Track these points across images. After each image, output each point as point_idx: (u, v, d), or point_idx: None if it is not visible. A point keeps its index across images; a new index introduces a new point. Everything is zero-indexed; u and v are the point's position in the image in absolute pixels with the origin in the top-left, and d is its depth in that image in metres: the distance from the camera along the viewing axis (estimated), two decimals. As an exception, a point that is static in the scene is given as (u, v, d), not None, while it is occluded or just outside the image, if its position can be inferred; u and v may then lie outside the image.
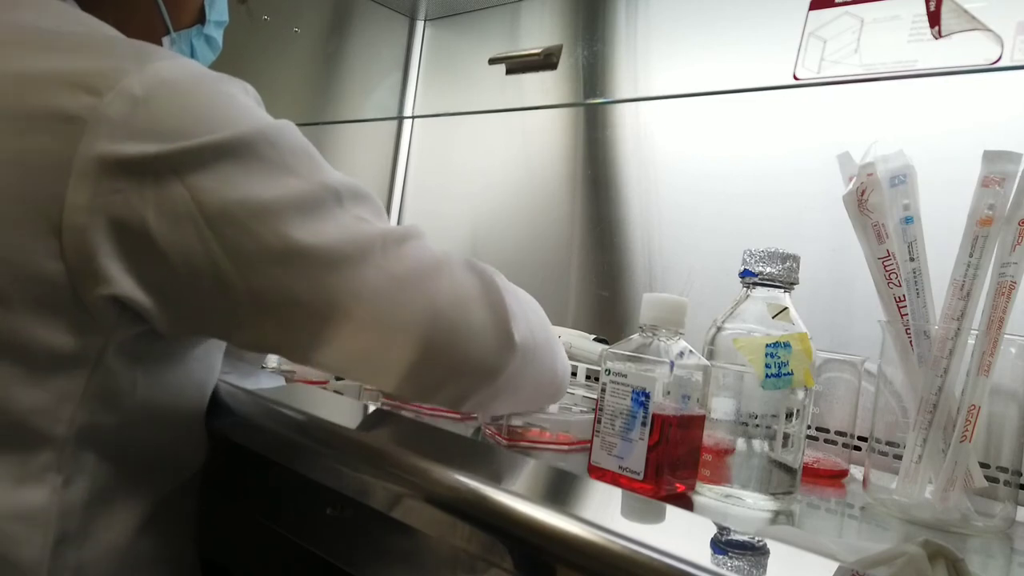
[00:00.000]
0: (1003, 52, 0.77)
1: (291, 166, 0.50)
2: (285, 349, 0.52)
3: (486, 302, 0.52)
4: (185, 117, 0.47)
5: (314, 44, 1.54)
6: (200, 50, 0.73)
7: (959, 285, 0.56)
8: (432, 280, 0.51)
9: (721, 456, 0.55)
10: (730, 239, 0.96)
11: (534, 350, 0.55)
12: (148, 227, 0.46)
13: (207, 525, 0.64)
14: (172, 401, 0.56)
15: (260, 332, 0.50)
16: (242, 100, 0.51)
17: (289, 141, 0.51)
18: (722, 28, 1.03)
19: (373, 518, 0.50)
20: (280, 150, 0.50)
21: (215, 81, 0.51)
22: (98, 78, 0.46)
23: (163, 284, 0.48)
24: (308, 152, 0.51)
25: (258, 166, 0.48)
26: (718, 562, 0.34)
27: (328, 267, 0.48)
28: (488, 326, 0.52)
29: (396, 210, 1.49)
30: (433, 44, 1.48)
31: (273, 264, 0.48)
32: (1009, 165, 0.56)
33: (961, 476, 0.54)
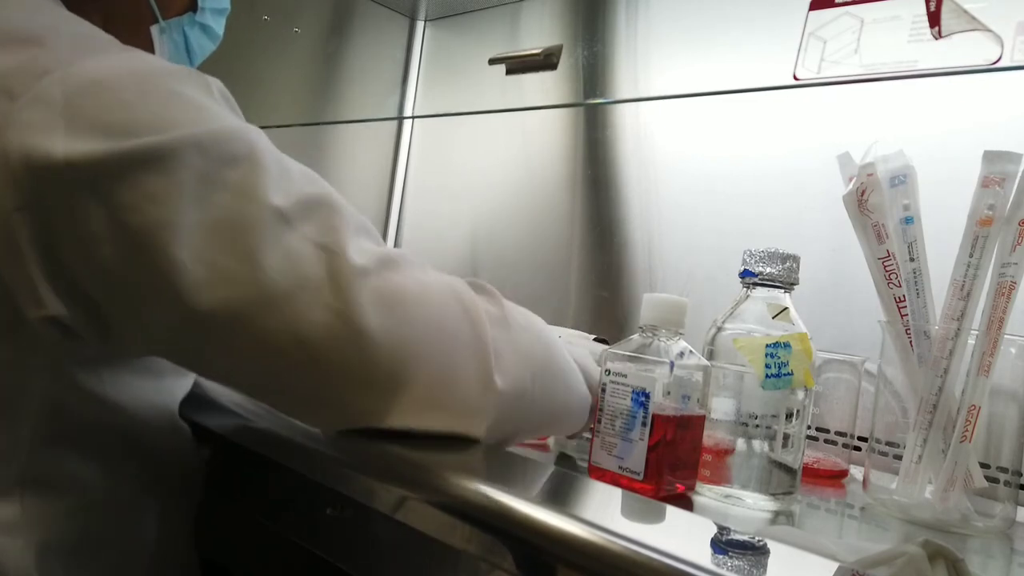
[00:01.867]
0: (1003, 52, 0.77)
1: (224, 180, 0.43)
2: (233, 384, 0.49)
3: (470, 346, 0.47)
4: (111, 120, 0.42)
5: (314, 44, 1.54)
6: (195, 39, 0.68)
7: (959, 285, 0.57)
8: (399, 324, 0.45)
9: (721, 456, 0.55)
10: (730, 239, 0.96)
11: (530, 393, 0.50)
12: (62, 245, 0.42)
13: (207, 525, 0.64)
14: (144, 397, 0.53)
15: (206, 362, 0.46)
16: (192, 100, 0.45)
17: (231, 149, 0.44)
18: (722, 28, 1.03)
19: (373, 518, 0.50)
20: (214, 160, 0.43)
21: (162, 77, 0.45)
22: (16, 79, 0.42)
23: (87, 303, 0.43)
24: (257, 162, 0.44)
25: (184, 179, 0.42)
26: (718, 562, 0.34)
27: (264, 304, 0.42)
28: (470, 373, 0.47)
29: (396, 210, 1.49)
30: (433, 44, 1.48)
31: (205, 288, 0.42)
32: (1009, 165, 0.56)
33: (961, 476, 0.54)
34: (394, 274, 0.46)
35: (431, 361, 0.46)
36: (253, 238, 0.42)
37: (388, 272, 0.46)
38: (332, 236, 0.45)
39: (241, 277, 0.42)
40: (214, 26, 0.69)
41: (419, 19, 1.49)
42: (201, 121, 0.44)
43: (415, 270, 0.48)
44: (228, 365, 0.46)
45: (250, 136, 0.46)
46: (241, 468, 0.63)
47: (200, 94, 0.46)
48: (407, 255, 0.49)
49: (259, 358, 0.44)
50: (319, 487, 0.54)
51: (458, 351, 0.47)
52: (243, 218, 0.43)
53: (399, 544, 0.48)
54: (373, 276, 0.45)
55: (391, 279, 0.46)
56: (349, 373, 0.44)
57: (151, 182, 0.41)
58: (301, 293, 0.43)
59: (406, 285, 0.46)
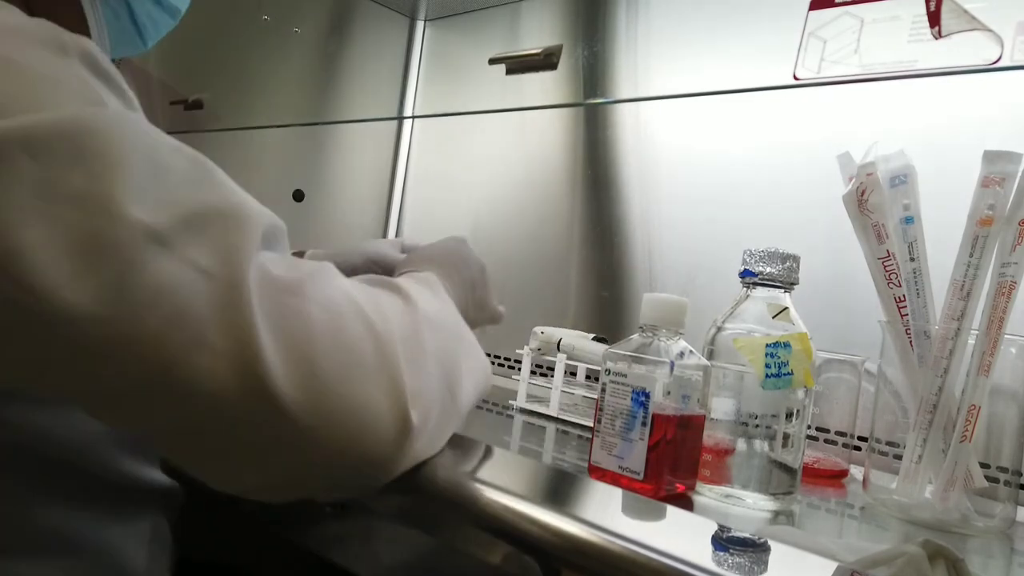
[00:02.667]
0: (1003, 52, 0.77)
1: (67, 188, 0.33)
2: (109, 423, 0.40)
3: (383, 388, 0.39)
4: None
5: (314, 44, 1.54)
6: (144, 11, 0.58)
7: (959, 285, 0.56)
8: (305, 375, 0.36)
9: (721, 456, 0.55)
10: (730, 239, 0.96)
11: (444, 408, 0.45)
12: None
13: (207, 525, 0.64)
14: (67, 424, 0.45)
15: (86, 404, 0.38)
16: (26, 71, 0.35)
17: (77, 145, 0.34)
18: (722, 28, 1.03)
19: (372, 518, 0.50)
20: (51, 160, 0.33)
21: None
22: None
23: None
24: (112, 161, 0.34)
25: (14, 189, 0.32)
26: (719, 560, 0.34)
27: (132, 348, 0.34)
28: (381, 412, 0.39)
29: (396, 210, 1.49)
30: (433, 44, 1.48)
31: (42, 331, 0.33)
32: (1009, 165, 0.56)
33: (961, 476, 0.54)
34: (298, 300, 0.37)
35: (342, 417, 0.38)
36: (110, 265, 0.33)
37: (291, 299, 0.37)
38: (222, 258, 0.35)
39: (102, 315, 0.33)
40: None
41: (419, 19, 1.49)
42: (37, 104, 0.34)
43: (320, 287, 0.39)
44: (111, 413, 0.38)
45: (107, 123, 0.35)
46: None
47: (45, 61, 0.36)
48: (309, 267, 0.40)
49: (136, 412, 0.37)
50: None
51: (372, 400, 0.39)
52: (95, 238, 0.33)
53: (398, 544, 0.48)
54: (272, 309, 0.36)
55: (294, 309, 0.37)
56: (243, 435, 0.36)
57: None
58: (177, 334, 0.34)
59: (311, 316, 0.37)
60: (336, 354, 0.38)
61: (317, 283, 0.39)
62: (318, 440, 0.37)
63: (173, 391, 0.35)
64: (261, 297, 0.36)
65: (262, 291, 0.36)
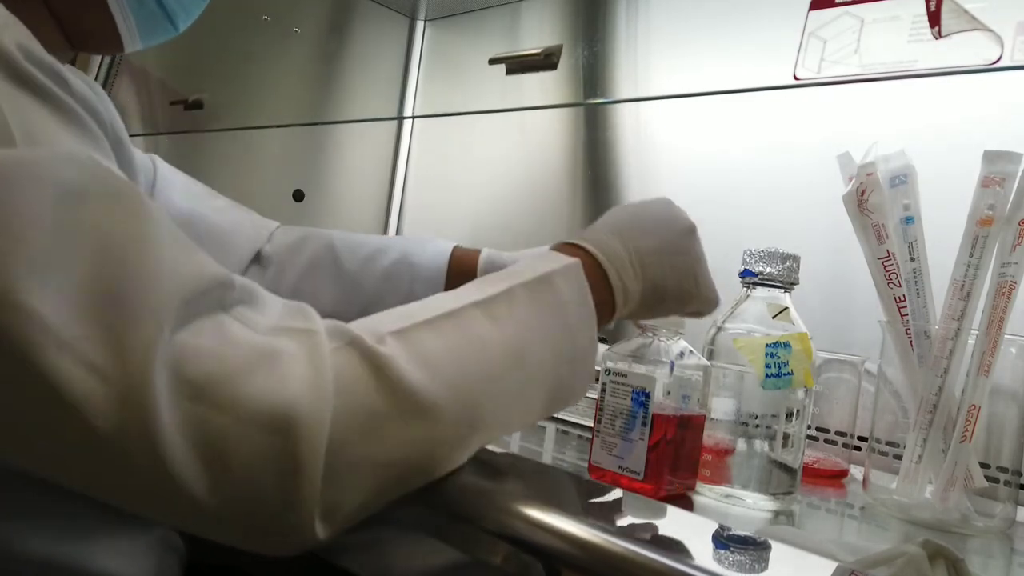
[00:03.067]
0: (1003, 52, 0.77)
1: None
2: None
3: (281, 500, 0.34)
4: None
5: (314, 44, 1.54)
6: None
7: (959, 285, 0.57)
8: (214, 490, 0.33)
9: (721, 456, 0.55)
10: (730, 239, 0.96)
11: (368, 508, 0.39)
12: None
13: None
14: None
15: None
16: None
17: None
18: (722, 28, 1.03)
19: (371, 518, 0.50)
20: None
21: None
22: None
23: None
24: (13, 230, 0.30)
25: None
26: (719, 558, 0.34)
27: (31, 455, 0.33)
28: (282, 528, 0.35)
29: (396, 210, 1.49)
30: (433, 44, 1.48)
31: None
32: (1009, 165, 0.56)
33: (961, 476, 0.54)
34: (203, 408, 0.33)
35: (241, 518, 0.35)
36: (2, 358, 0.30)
37: (196, 406, 0.32)
38: (122, 356, 0.31)
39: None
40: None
41: (419, 19, 1.49)
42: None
43: (238, 386, 0.33)
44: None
45: (7, 174, 0.31)
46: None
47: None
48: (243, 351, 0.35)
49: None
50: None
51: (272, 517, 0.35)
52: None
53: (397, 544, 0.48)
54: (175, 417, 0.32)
55: (198, 418, 0.32)
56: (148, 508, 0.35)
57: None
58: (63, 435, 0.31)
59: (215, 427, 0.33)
60: (240, 469, 0.33)
61: (237, 379, 0.33)
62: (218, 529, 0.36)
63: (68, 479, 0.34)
64: (164, 404, 0.32)
65: (166, 397, 0.32)
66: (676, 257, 0.52)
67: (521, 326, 0.45)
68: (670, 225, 0.54)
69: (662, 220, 0.54)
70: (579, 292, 0.48)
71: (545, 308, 0.46)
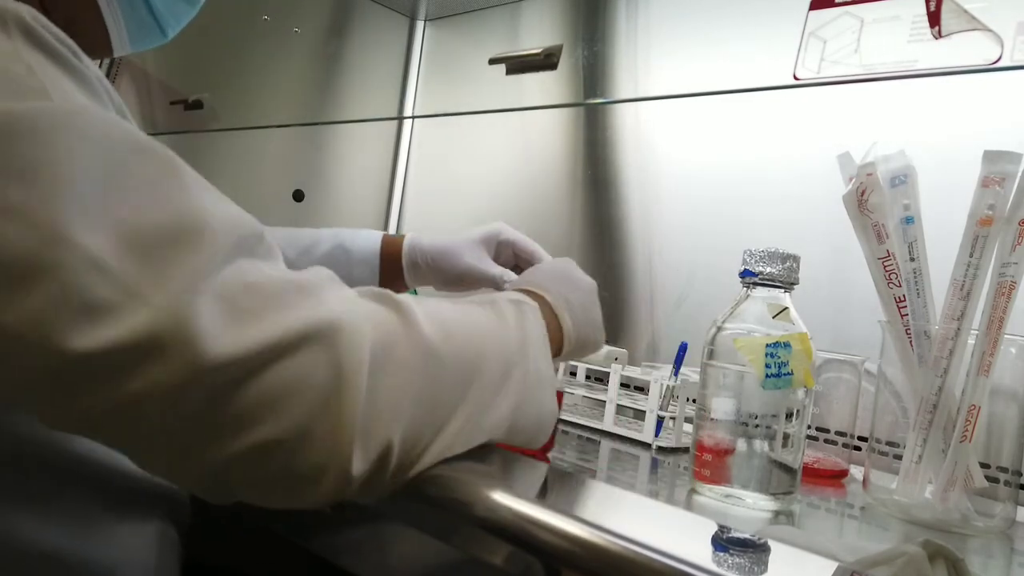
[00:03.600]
0: (1003, 52, 0.77)
1: (4, 197, 0.31)
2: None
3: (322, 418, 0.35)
4: None
5: (314, 44, 1.54)
6: (162, 2, 0.56)
7: (959, 285, 0.57)
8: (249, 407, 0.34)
9: (721, 456, 0.55)
10: (730, 239, 0.96)
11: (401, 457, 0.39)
12: None
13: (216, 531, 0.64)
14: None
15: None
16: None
17: (16, 148, 0.32)
18: (722, 28, 1.03)
19: (372, 518, 0.50)
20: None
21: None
22: None
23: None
24: (52, 173, 0.32)
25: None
26: (719, 560, 0.34)
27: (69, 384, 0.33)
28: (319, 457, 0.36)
29: (396, 210, 1.49)
30: (433, 44, 1.48)
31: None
32: (1009, 165, 0.56)
33: (961, 476, 0.54)
34: (245, 327, 0.34)
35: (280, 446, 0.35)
36: (45, 288, 0.31)
37: (236, 327, 0.34)
38: (170, 291, 0.33)
39: (32, 340, 0.31)
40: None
41: (419, 19, 1.49)
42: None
43: (283, 312, 0.35)
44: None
45: (50, 123, 0.33)
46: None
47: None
48: (278, 287, 0.37)
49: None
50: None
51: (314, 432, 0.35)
52: (33, 258, 0.31)
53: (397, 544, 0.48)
54: (211, 340, 0.33)
55: (236, 338, 0.34)
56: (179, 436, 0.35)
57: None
58: (112, 361, 0.32)
59: (252, 344, 0.34)
60: (284, 386, 0.35)
61: (283, 307, 0.35)
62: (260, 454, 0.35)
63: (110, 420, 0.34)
64: (208, 331, 0.33)
65: (212, 323, 0.33)
66: (591, 310, 0.59)
67: (507, 325, 0.48)
68: (581, 283, 0.60)
69: (577, 278, 0.60)
70: (541, 327, 0.52)
71: (522, 320, 0.50)
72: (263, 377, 0.34)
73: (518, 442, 0.50)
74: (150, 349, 0.32)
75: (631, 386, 0.89)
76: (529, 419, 0.49)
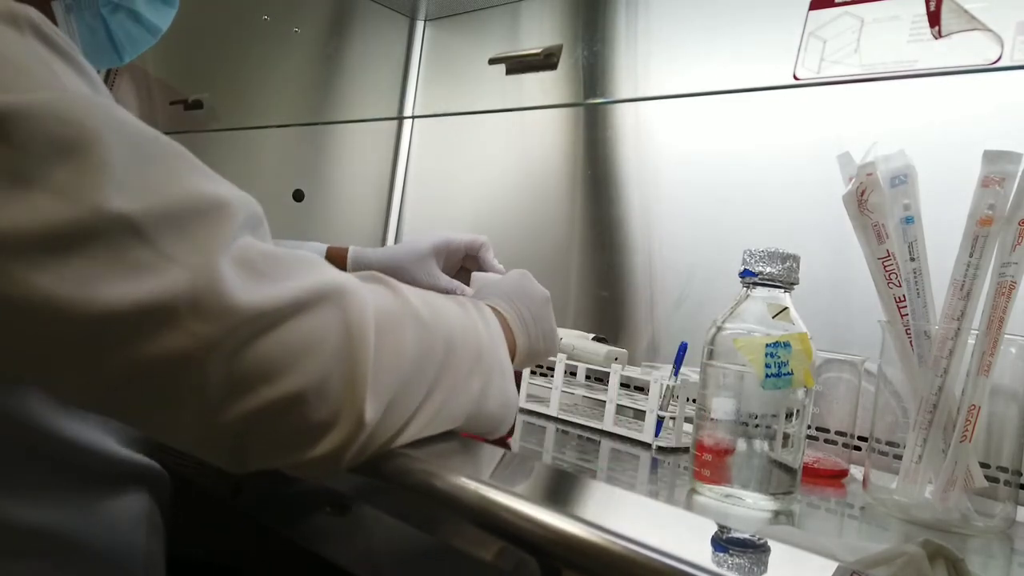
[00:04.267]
0: (1003, 52, 0.77)
1: (47, 176, 0.34)
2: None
3: (340, 371, 0.39)
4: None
5: (314, 44, 1.54)
6: (119, 27, 0.57)
7: (959, 285, 0.57)
8: (270, 361, 0.37)
9: (721, 456, 0.55)
10: (730, 238, 0.96)
11: (415, 405, 0.44)
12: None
13: (207, 526, 0.64)
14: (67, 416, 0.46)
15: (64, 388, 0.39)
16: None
17: (55, 132, 0.34)
18: (722, 28, 1.03)
19: (372, 518, 0.50)
20: (25, 148, 0.33)
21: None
22: None
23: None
24: (91, 153, 0.35)
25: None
26: (719, 560, 0.34)
27: (107, 340, 0.35)
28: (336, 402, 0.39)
29: (396, 211, 1.49)
30: (433, 44, 1.48)
31: (17, 316, 0.34)
32: (1009, 165, 0.56)
33: (961, 476, 0.54)
34: (273, 288, 0.38)
35: (301, 395, 0.38)
36: (89, 254, 0.34)
37: (259, 285, 0.38)
38: (198, 251, 0.36)
39: (78, 300, 0.34)
40: (149, 15, 0.59)
41: (419, 19, 1.49)
42: (9, 87, 0.34)
43: (297, 276, 0.40)
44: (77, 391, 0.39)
45: (83, 111, 0.35)
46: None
47: (3, 38, 0.35)
48: (288, 256, 0.41)
49: (110, 392, 0.37)
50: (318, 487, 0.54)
51: (331, 381, 0.39)
52: (75, 228, 0.34)
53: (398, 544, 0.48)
54: (240, 294, 0.36)
55: (261, 294, 0.37)
56: (198, 399, 0.37)
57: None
58: (150, 318, 0.35)
59: (275, 299, 0.38)
60: (300, 338, 0.38)
61: (294, 272, 0.40)
62: (282, 404, 0.38)
63: (145, 374, 0.36)
64: (235, 287, 0.36)
65: (237, 281, 0.37)
66: (544, 322, 0.62)
67: (472, 316, 0.52)
68: (534, 295, 0.63)
69: (530, 291, 0.63)
70: (499, 327, 0.55)
71: (484, 316, 0.54)
72: (284, 330, 0.37)
73: (485, 429, 0.53)
74: (186, 303, 0.35)
75: (631, 386, 0.89)
76: (496, 404, 0.52)
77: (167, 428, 0.39)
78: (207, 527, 0.65)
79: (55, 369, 0.37)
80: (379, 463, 0.45)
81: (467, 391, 0.49)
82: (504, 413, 0.54)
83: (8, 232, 0.33)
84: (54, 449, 0.45)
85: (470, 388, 0.49)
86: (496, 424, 0.54)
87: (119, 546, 0.49)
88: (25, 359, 0.37)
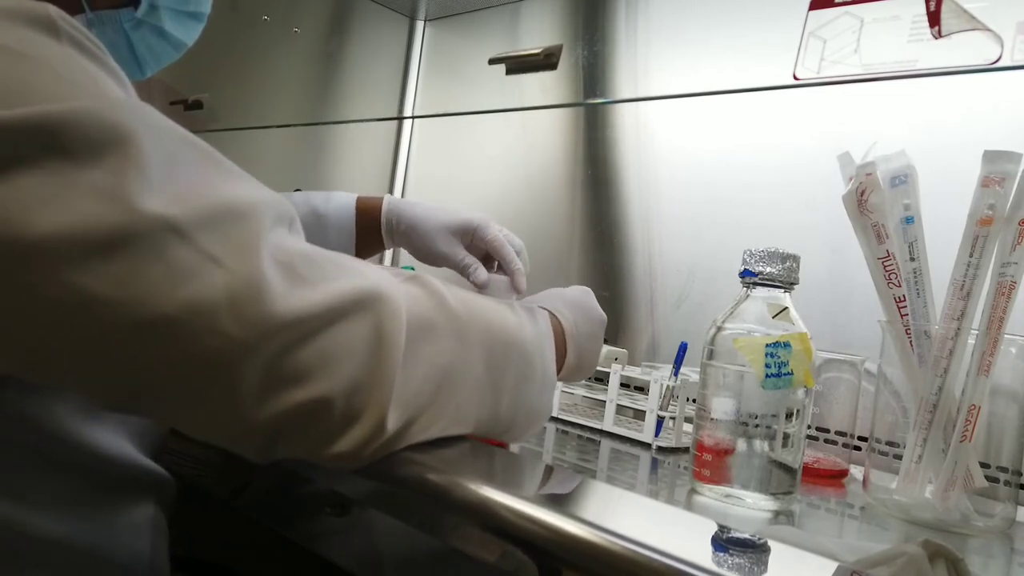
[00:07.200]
0: (1003, 52, 0.77)
1: (87, 179, 0.34)
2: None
3: (367, 382, 0.40)
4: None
5: (314, 44, 1.54)
6: (143, 42, 0.58)
7: (959, 285, 0.57)
8: (307, 362, 0.37)
9: (721, 456, 0.55)
10: (730, 239, 0.96)
11: (423, 422, 0.44)
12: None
13: (207, 525, 0.64)
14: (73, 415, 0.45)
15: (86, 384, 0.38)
16: (34, 59, 0.35)
17: (95, 137, 0.35)
18: (722, 28, 1.03)
19: (372, 518, 0.50)
20: (66, 153, 0.34)
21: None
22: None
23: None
24: (128, 155, 0.35)
25: (24, 183, 0.33)
26: (719, 560, 0.34)
27: (149, 341, 0.35)
28: (360, 416, 0.40)
29: (396, 210, 1.49)
30: (433, 44, 1.48)
31: (60, 317, 0.34)
32: (1009, 165, 0.56)
33: (961, 476, 0.54)
34: (308, 292, 0.39)
35: (330, 399, 0.39)
36: (128, 254, 0.34)
37: (299, 290, 0.38)
38: (236, 250, 0.36)
39: (119, 299, 0.34)
40: (174, 31, 0.59)
41: (419, 19, 1.49)
42: (46, 94, 0.34)
43: (331, 280, 0.40)
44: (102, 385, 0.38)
45: (122, 116, 0.36)
46: (239, 468, 0.64)
47: (42, 45, 0.36)
48: (323, 256, 0.41)
49: (143, 388, 0.37)
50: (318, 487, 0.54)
51: (359, 386, 0.40)
52: (115, 230, 0.34)
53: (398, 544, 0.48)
54: (280, 300, 0.37)
55: (300, 299, 0.38)
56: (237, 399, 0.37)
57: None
58: (191, 319, 0.35)
59: (313, 306, 0.38)
60: (334, 346, 0.39)
61: (331, 275, 0.40)
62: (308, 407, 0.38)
63: (183, 373, 0.36)
64: (275, 291, 0.37)
65: (277, 284, 0.37)
66: (595, 343, 0.62)
67: (523, 323, 0.52)
68: (593, 315, 0.63)
69: (590, 309, 0.63)
70: (552, 335, 0.56)
71: (536, 323, 0.54)
72: (321, 338, 0.38)
73: (504, 435, 0.53)
74: (228, 305, 0.35)
75: (631, 386, 0.89)
76: (524, 414, 0.52)
77: (197, 425, 0.40)
78: (207, 528, 0.65)
79: (92, 369, 0.37)
80: (379, 464, 0.45)
81: (496, 400, 0.49)
82: (529, 425, 0.53)
83: (50, 235, 0.33)
84: (73, 456, 0.45)
85: (500, 398, 0.49)
86: (517, 434, 0.53)
87: (125, 554, 0.49)
88: (63, 360, 0.36)
